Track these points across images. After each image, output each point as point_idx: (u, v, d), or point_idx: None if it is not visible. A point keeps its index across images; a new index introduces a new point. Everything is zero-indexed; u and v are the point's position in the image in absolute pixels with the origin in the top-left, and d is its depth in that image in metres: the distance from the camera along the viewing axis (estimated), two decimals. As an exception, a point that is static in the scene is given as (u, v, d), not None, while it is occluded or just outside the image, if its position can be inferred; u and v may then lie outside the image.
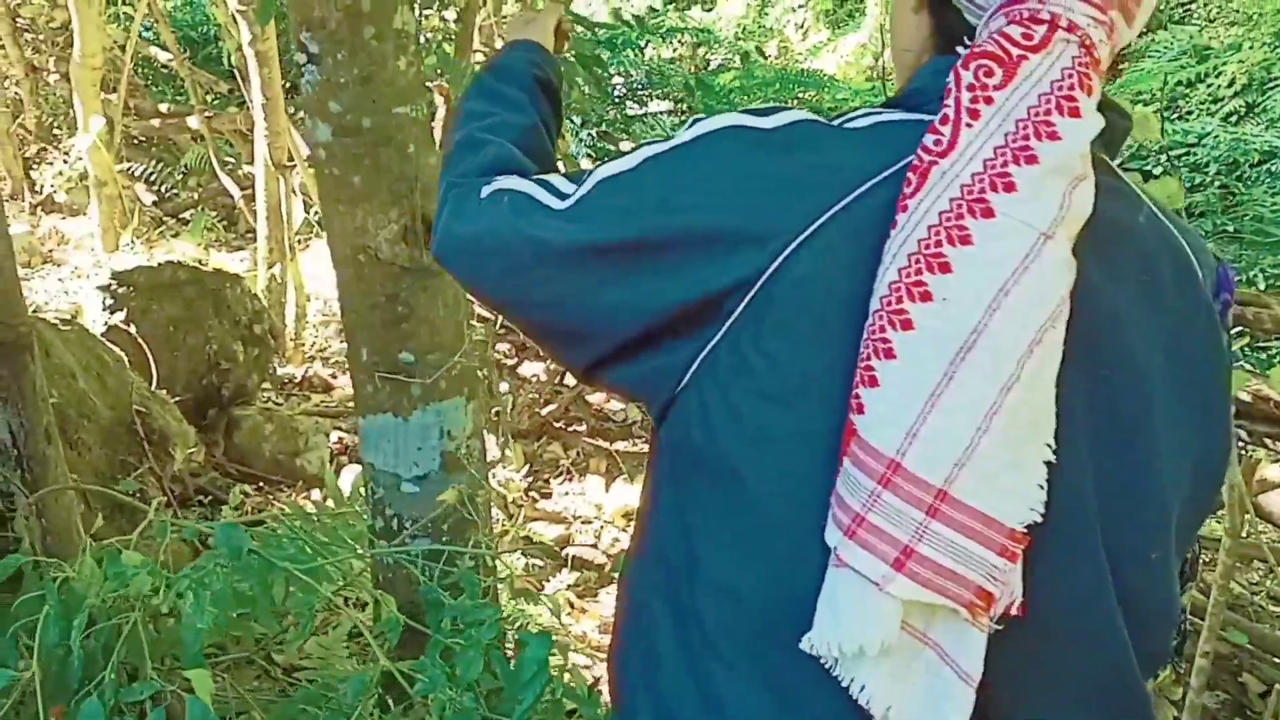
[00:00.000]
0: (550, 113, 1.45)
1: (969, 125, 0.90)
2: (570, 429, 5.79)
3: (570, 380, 5.93)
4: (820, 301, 0.92)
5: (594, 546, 4.71)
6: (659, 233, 0.98)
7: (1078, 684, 0.96)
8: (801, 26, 12.35)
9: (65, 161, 8.36)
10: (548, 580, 4.29)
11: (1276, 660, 3.49)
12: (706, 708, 0.96)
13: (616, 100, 9.95)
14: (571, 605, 4.08)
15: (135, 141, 9.18)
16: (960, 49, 0.96)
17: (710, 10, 12.39)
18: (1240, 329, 4.17)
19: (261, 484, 4.71)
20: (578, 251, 1.03)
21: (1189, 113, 10.62)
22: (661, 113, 9.99)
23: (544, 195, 1.09)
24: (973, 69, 0.91)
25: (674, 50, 11.43)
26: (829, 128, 1.00)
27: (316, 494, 4.58)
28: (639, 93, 10.10)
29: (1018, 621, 0.90)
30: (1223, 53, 11.03)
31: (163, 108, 8.82)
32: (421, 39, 5.09)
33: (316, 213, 7.21)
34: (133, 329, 4.62)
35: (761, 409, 0.94)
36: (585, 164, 6.01)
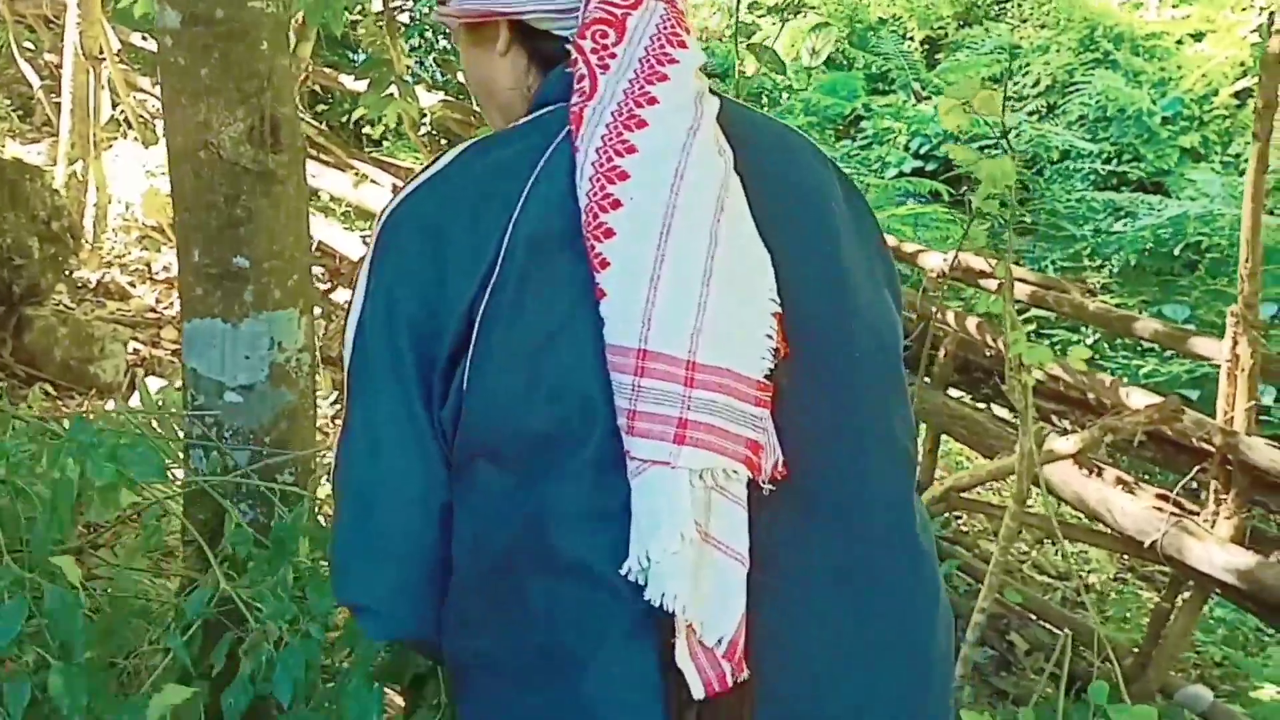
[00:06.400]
0: None
1: (603, 74, 1.08)
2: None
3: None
4: (543, 257, 1.04)
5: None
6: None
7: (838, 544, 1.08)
8: None
9: None
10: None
11: (1044, 623, 3.75)
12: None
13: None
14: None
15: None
16: (563, 69, 1.12)
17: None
18: (1039, 311, 4.41)
19: (51, 388, 4.47)
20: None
21: (996, 106, 11.08)
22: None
23: None
24: (590, 35, 1.10)
25: None
26: (494, 136, 1.16)
27: (111, 404, 4.37)
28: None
29: (784, 487, 1.02)
30: (1031, 53, 11.53)
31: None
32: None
33: (122, 110, 6.84)
34: (-83, 213, 4.30)
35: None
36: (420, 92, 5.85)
